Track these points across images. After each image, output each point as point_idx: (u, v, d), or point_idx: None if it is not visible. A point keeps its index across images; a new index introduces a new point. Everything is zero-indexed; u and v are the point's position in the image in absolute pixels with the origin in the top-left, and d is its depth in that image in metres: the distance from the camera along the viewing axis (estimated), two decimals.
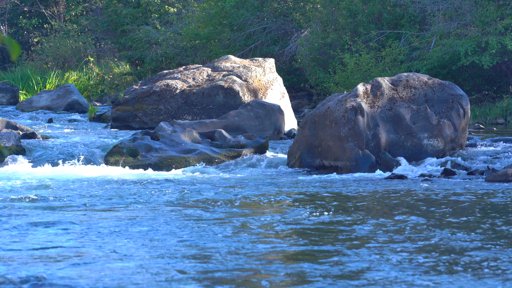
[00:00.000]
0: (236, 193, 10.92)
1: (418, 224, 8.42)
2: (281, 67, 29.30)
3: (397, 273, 6.35)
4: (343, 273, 6.34)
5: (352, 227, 8.32)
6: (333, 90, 24.98)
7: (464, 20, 24.46)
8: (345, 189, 11.33)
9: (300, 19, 29.86)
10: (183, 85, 20.07)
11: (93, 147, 15.23)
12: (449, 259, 6.80)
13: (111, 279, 6.13)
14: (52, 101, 28.07)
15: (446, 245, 7.35)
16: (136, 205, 9.87)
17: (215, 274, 6.33)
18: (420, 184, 11.88)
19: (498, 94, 24.66)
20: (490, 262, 6.71)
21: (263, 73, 20.20)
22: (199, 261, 6.75)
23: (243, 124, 17.29)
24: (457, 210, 9.39)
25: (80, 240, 7.63)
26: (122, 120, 20.23)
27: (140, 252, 7.09)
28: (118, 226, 8.32)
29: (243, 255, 6.97)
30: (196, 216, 8.95)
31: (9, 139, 14.83)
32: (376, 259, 6.79)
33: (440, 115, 14.31)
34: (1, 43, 4.07)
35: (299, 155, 14.10)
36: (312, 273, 6.35)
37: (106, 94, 35.79)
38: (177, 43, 33.00)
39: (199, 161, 14.46)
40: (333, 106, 13.95)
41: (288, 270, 6.47)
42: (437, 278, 6.21)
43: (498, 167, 12.81)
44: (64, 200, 10.31)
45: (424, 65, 23.99)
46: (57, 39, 40.68)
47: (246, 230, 8.14)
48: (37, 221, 8.61)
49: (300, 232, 8.07)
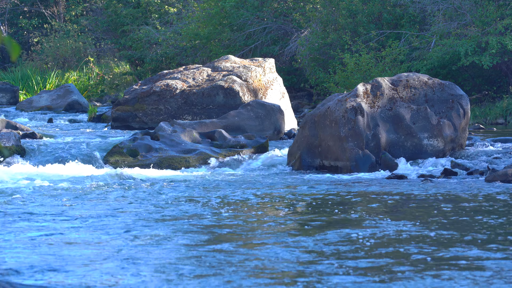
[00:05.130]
0: (236, 193, 10.92)
1: (418, 224, 8.42)
2: (281, 67, 29.30)
3: (397, 272, 6.36)
4: (342, 273, 6.34)
5: (352, 227, 8.32)
6: (333, 90, 24.98)
7: (464, 20, 24.46)
8: (345, 189, 11.32)
9: (300, 19, 29.86)
10: (183, 85, 20.07)
11: (93, 147, 15.22)
12: (449, 259, 6.80)
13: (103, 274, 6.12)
14: (52, 101, 28.07)
15: (446, 245, 7.35)
16: (136, 205, 9.87)
17: (209, 278, 6.34)
18: (420, 184, 11.88)
19: (498, 94, 24.66)
20: (490, 262, 6.71)
21: (263, 73, 20.20)
22: (195, 263, 6.74)
23: (243, 124, 17.29)
24: (457, 210, 9.39)
25: (81, 240, 7.63)
26: (122, 120, 20.23)
27: (141, 253, 7.09)
28: (118, 226, 8.32)
29: (241, 255, 6.97)
30: (196, 216, 8.95)
31: (9, 139, 14.83)
32: (376, 259, 6.79)
33: (440, 115, 14.31)
34: (1, 43, 4.07)
35: (299, 155, 14.09)
36: (312, 273, 6.35)
37: (106, 94, 35.79)
38: (177, 43, 33.00)
39: (199, 161, 14.46)
40: (333, 106, 13.95)
41: (288, 270, 6.47)
42: (437, 277, 6.21)
43: (498, 167, 12.81)
44: (64, 200, 10.31)
45: (424, 65, 23.99)
46: (57, 39, 40.67)
47: (246, 230, 8.14)
48: (37, 221, 8.61)
49: (300, 232, 8.07)
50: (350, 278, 6.20)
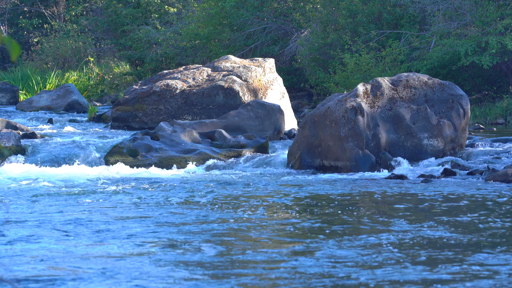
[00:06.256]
0: (236, 193, 10.92)
1: (418, 224, 8.42)
2: (281, 67, 29.30)
3: (397, 271, 6.36)
4: (341, 273, 6.35)
5: (352, 227, 8.32)
6: (333, 90, 24.98)
7: (464, 20, 24.45)
8: (345, 189, 11.33)
9: (300, 19, 29.86)
10: (183, 85, 20.07)
11: (93, 147, 15.23)
12: (449, 259, 6.80)
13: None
14: (52, 101, 28.07)
15: (445, 245, 7.35)
16: (136, 205, 9.87)
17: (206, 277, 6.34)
18: (420, 184, 11.88)
19: (498, 94, 24.65)
20: (490, 261, 6.71)
21: (263, 73, 20.20)
22: (192, 263, 6.75)
23: (243, 124, 17.29)
24: (457, 210, 9.39)
25: (82, 240, 7.64)
26: (122, 120, 20.24)
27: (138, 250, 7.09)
28: (118, 226, 8.32)
29: (239, 255, 6.97)
30: (196, 216, 8.95)
31: (9, 139, 14.83)
32: (376, 258, 6.79)
33: (440, 115, 14.31)
34: (1, 43, 4.07)
35: (299, 155, 14.10)
36: (311, 272, 6.35)
37: (106, 94, 35.79)
38: (177, 43, 33.00)
39: (199, 161, 14.46)
40: (333, 106, 13.95)
41: (287, 268, 6.47)
42: (436, 277, 6.22)
43: (498, 167, 12.81)
44: (64, 200, 10.31)
45: (424, 65, 23.99)
46: (57, 39, 40.67)
47: (246, 230, 8.14)
48: (36, 221, 8.61)
49: (300, 232, 8.07)
50: (348, 277, 6.21)
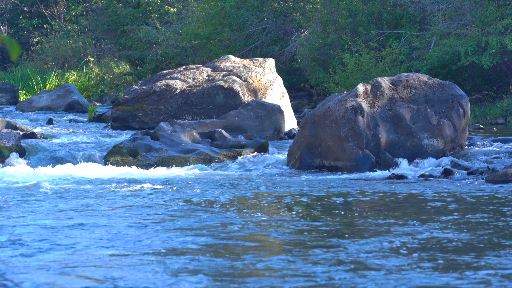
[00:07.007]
0: (236, 194, 10.92)
1: (418, 224, 8.42)
2: (281, 67, 29.30)
3: (397, 271, 6.36)
4: (340, 272, 6.35)
5: (352, 227, 8.32)
6: (333, 90, 24.98)
7: (464, 20, 24.45)
8: (345, 189, 11.33)
9: (300, 19, 29.86)
10: (183, 85, 20.07)
11: (93, 147, 15.23)
12: (449, 259, 6.80)
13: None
14: (52, 101, 28.07)
15: (445, 245, 7.36)
16: (136, 205, 9.87)
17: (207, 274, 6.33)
18: (420, 184, 11.88)
19: (498, 94, 24.65)
20: (490, 261, 6.71)
21: (263, 73, 20.20)
22: (192, 263, 6.75)
23: (243, 124, 17.29)
24: (457, 210, 9.39)
25: (82, 241, 7.63)
26: (122, 120, 20.23)
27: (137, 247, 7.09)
28: (118, 227, 8.32)
29: (239, 254, 6.97)
30: (196, 216, 8.95)
31: (9, 139, 14.83)
32: (376, 260, 6.79)
33: (440, 115, 14.31)
34: (1, 43, 4.07)
35: (299, 155, 14.10)
36: (310, 271, 6.35)
37: (106, 94, 35.79)
38: (177, 43, 33.00)
39: (199, 161, 14.46)
40: (333, 106, 13.95)
41: (286, 268, 6.47)
42: (436, 276, 6.22)
43: (498, 167, 12.81)
44: (63, 200, 10.31)
45: (424, 65, 23.99)
46: (57, 39, 40.67)
47: (245, 230, 8.14)
48: (36, 222, 8.61)
49: (300, 232, 8.07)
50: (347, 277, 6.21)
